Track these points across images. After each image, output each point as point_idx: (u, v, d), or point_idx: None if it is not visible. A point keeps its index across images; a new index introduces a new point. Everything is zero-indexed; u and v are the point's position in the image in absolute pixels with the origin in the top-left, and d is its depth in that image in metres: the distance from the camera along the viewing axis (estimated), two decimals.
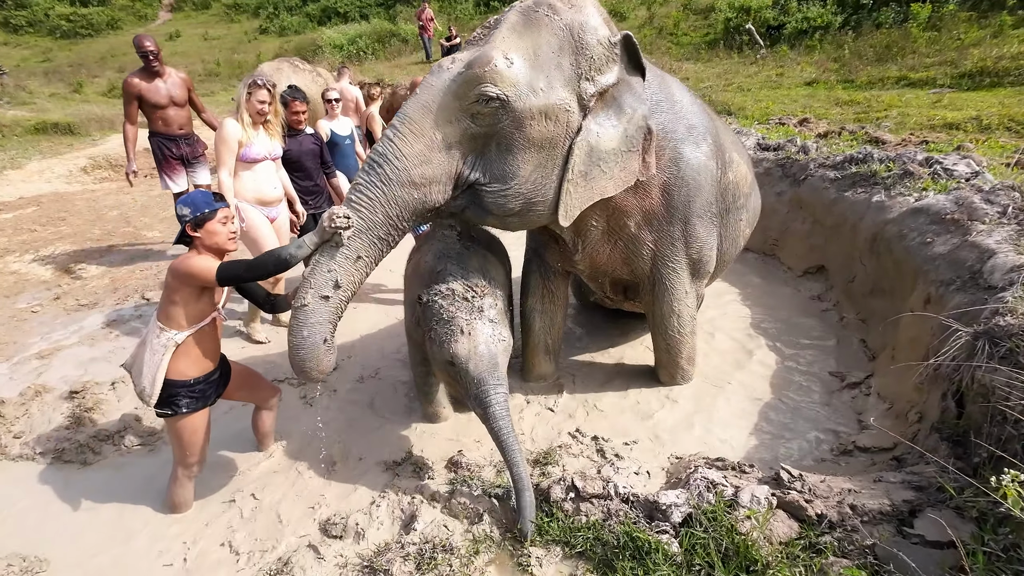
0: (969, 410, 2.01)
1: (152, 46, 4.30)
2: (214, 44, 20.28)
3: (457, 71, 1.89)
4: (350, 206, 1.90)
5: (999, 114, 5.10)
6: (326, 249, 1.90)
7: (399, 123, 1.89)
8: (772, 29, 9.69)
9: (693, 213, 2.44)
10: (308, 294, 1.89)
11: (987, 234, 2.66)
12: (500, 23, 1.97)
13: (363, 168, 1.92)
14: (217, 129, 3.20)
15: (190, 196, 2.05)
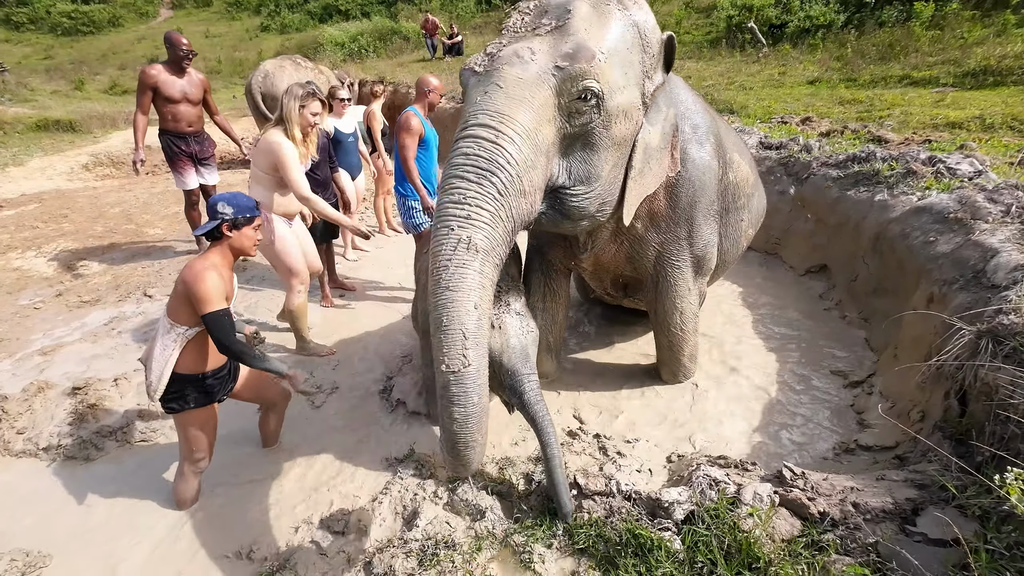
0: (972, 409, 2.01)
1: (188, 46, 4.36)
2: (215, 42, 20.27)
3: (552, 64, 1.69)
4: (468, 224, 1.56)
5: (1002, 113, 5.08)
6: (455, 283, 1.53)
7: (496, 122, 1.61)
8: (774, 28, 9.67)
9: (698, 213, 2.45)
10: (460, 352, 1.51)
11: (990, 233, 2.65)
12: (568, 13, 1.78)
13: (462, 177, 1.59)
14: (274, 149, 2.92)
15: (234, 197, 2.11)
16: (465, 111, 1.71)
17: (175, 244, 5.35)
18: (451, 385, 1.53)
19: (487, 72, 1.72)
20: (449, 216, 1.58)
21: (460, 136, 1.66)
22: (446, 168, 1.66)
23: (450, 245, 1.56)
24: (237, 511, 2.29)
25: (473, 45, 13.73)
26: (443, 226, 1.59)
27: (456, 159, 1.63)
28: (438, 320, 1.54)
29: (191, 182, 4.60)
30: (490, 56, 1.77)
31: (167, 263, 4.91)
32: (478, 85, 1.72)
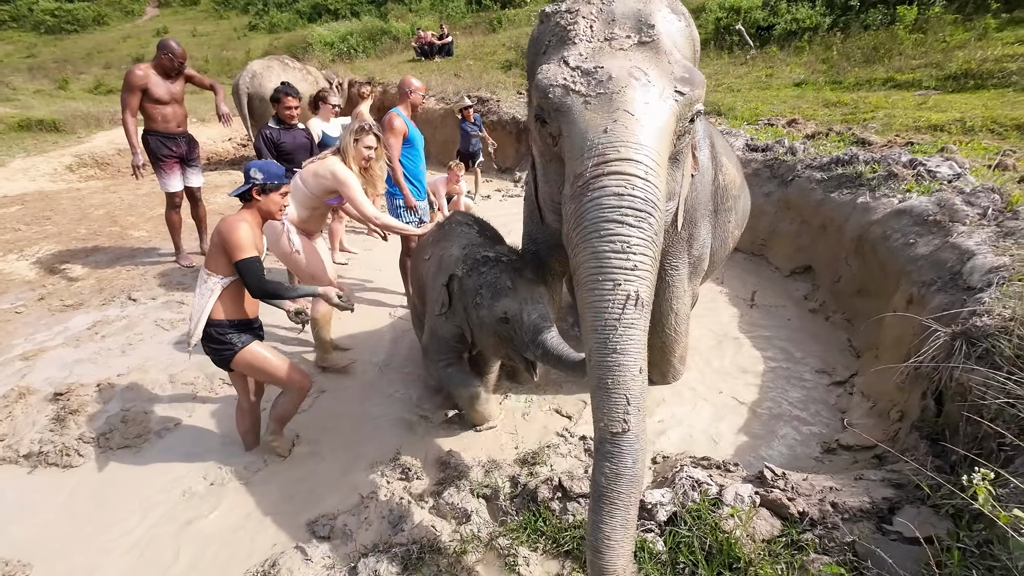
0: (948, 409, 2.05)
1: (182, 55, 4.36)
2: (202, 41, 20.07)
3: (672, 88, 1.60)
4: (634, 276, 1.46)
5: (982, 116, 5.17)
6: (623, 345, 1.47)
7: (641, 156, 1.48)
8: (762, 30, 9.75)
9: (699, 216, 2.48)
10: (622, 416, 1.46)
11: (967, 235, 2.71)
12: (653, 28, 1.68)
13: (620, 221, 1.46)
14: (331, 176, 2.97)
15: (266, 164, 2.34)
16: (588, 140, 1.53)
17: (160, 246, 5.29)
18: (607, 443, 1.49)
19: (601, 95, 1.56)
20: (613, 269, 1.45)
21: (601, 172, 1.48)
22: (588, 208, 1.49)
23: (618, 302, 1.45)
24: (221, 516, 2.27)
25: (463, 46, 13.73)
26: (607, 279, 1.46)
27: (606, 199, 1.47)
28: (602, 381, 1.49)
29: (176, 184, 4.54)
30: (587, 73, 1.60)
31: (152, 266, 4.86)
32: (594, 110, 1.56)
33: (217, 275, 2.25)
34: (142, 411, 2.88)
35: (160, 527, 2.23)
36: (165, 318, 3.90)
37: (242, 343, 2.32)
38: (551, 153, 1.79)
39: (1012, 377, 1.64)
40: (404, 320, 3.91)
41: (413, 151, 3.72)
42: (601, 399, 1.49)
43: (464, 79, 10.23)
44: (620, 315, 1.46)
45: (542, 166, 1.97)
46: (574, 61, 1.64)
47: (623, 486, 1.46)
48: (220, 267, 2.25)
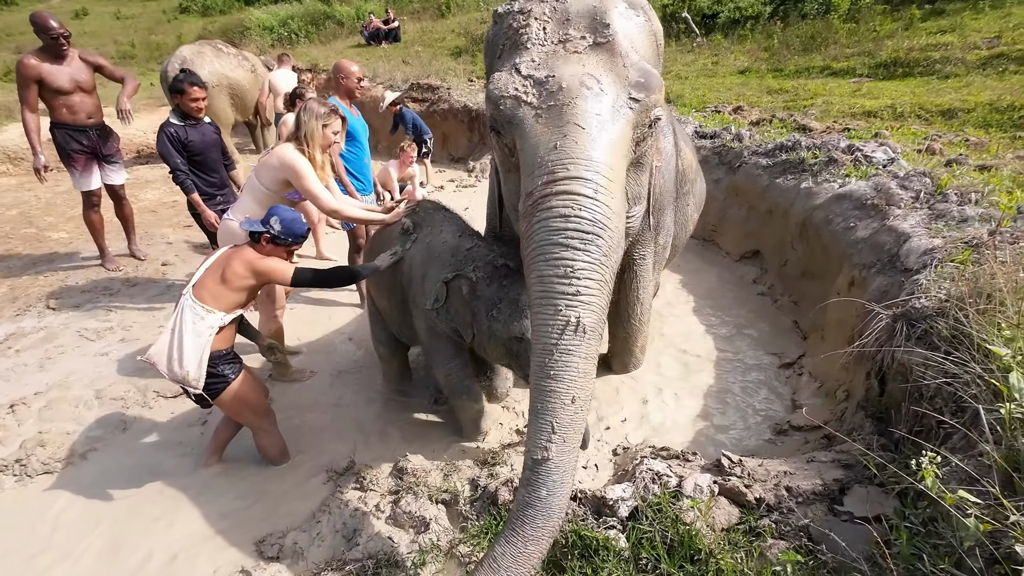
0: (890, 388, 2.13)
1: (60, 28, 3.81)
2: (128, 24, 18.69)
3: (625, 95, 1.54)
4: (577, 301, 1.40)
5: (911, 103, 5.44)
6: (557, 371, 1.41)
7: (591, 173, 1.43)
8: (707, 18, 9.94)
9: (665, 203, 2.45)
10: (544, 443, 1.41)
11: (903, 218, 2.82)
12: (607, 27, 1.60)
13: (568, 245, 1.41)
14: (288, 163, 2.61)
15: (292, 220, 2.26)
16: (538, 156, 1.48)
17: (83, 249, 4.87)
18: (527, 469, 1.44)
19: (552, 107, 1.50)
20: (556, 294, 1.41)
21: (549, 191, 1.44)
22: (536, 228, 1.45)
23: (558, 327, 1.41)
24: (157, 543, 2.10)
25: (411, 31, 13.34)
26: (549, 304, 1.43)
27: (552, 221, 1.42)
28: (534, 405, 1.46)
29: (92, 182, 4.12)
30: (538, 83, 1.54)
31: (74, 271, 4.46)
32: (545, 123, 1.50)
33: (219, 311, 2.13)
34: (64, 432, 2.63)
35: (85, 561, 2.03)
36: (89, 327, 3.59)
37: (233, 373, 2.20)
38: (510, 163, 1.72)
39: (948, 357, 1.70)
40: (355, 322, 3.76)
41: (354, 144, 3.54)
42: (531, 423, 1.46)
43: (413, 66, 9.93)
44: (558, 340, 1.41)
45: (503, 175, 1.90)
46: (526, 69, 1.57)
47: (529, 517, 1.39)
48: (224, 303, 2.15)
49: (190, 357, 2.07)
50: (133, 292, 4.12)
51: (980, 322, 1.70)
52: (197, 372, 2.08)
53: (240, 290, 2.17)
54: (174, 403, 2.90)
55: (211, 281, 2.16)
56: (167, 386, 2.99)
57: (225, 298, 2.15)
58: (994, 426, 1.42)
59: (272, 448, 2.41)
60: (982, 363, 1.61)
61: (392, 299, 2.50)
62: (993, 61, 6.12)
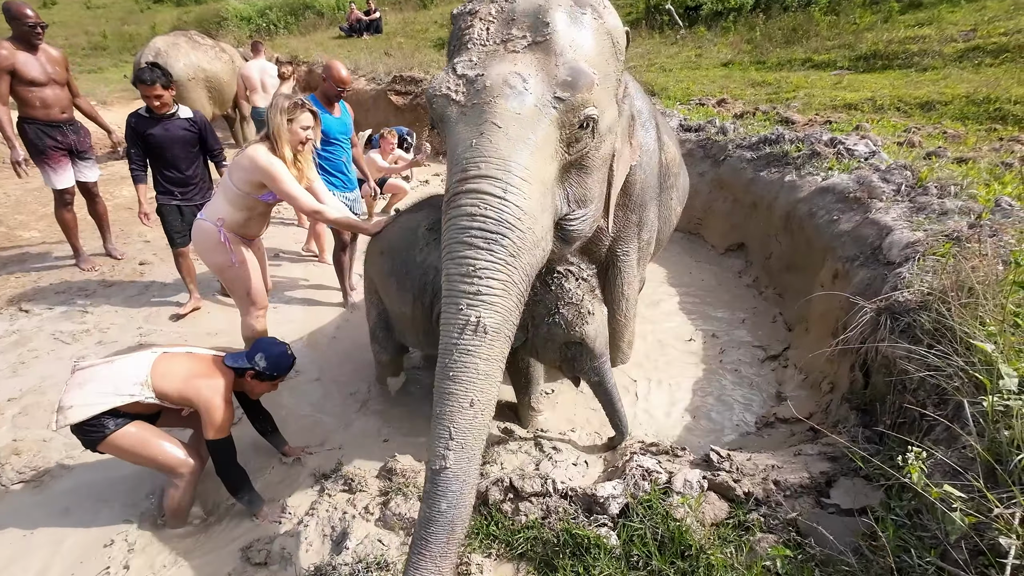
0: (874, 380, 2.16)
1: (36, 17, 3.70)
2: (99, 14, 18.09)
3: (551, 94, 1.51)
4: (477, 301, 1.40)
5: (890, 95, 5.51)
6: (456, 372, 1.40)
7: (501, 172, 1.43)
8: (690, 10, 9.94)
9: (648, 198, 2.44)
10: (441, 451, 1.38)
11: (885, 211, 2.85)
12: (547, 26, 1.57)
13: (471, 244, 1.41)
14: (261, 163, 2.50)
15: (279, 356, 2.16)
16: (457, 154, 1.49)
17: (55, 249, 4.72)
18: (427, 481, 1.41)
19: (475, 105, 1.49)
20: (457, 293, 1.42)
21: (459, 189, 1.45)
22: (447, 227, 1.47)
23: (457, 328, 1.40)
24: (141, 553, 2.05)
25: (392, 22, 13.14)
26: (451, 303, 1.43)
27: (459, 219, 1.43)
28: (434, 409, 1.42)
29: (66, 180, 3.98)
30: (468, 81, 1.53)
31: (47, 271, 4.32)
32: (467, 122, 1.50)
33: (155, 398, 1.99)
34: (39, 439, 2.55)
35: (60, 569, 1.98)
36: (65, 330, 3.48)
37: (116, 427, 1.98)
38: None
39: (931, 350, 1.73)
40: (338, 320, 3.71)
41: (329, 143, 3.48)
42: (432, 429, 1.42)
43: (395, 58, 9.78)
44: (458, 340, 1.40)
45: None
46: (461, 68, 1.57)
47: (434, 534, 1.36)
48: (166, 397, 2.01)
49: (86, 397, 1.93)
50: (110, 293, 4.00)
51: (962, 316, 1.72)
52: (75, 414, 1.91)
53: (183, 400, 2.04)
54: None
55: (177, 372, 2.03)
56: None
57: (170, 396, 2.01)
58: (977, 418, 1.45)
59: (170, 503, 2.11)
60: (964, 356, 1.64)
61: (416, 306, 2.34)
62: (969, 54, 6.23)
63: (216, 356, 2.17)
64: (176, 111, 3.35)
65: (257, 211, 2.73)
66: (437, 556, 1.36)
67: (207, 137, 3.46)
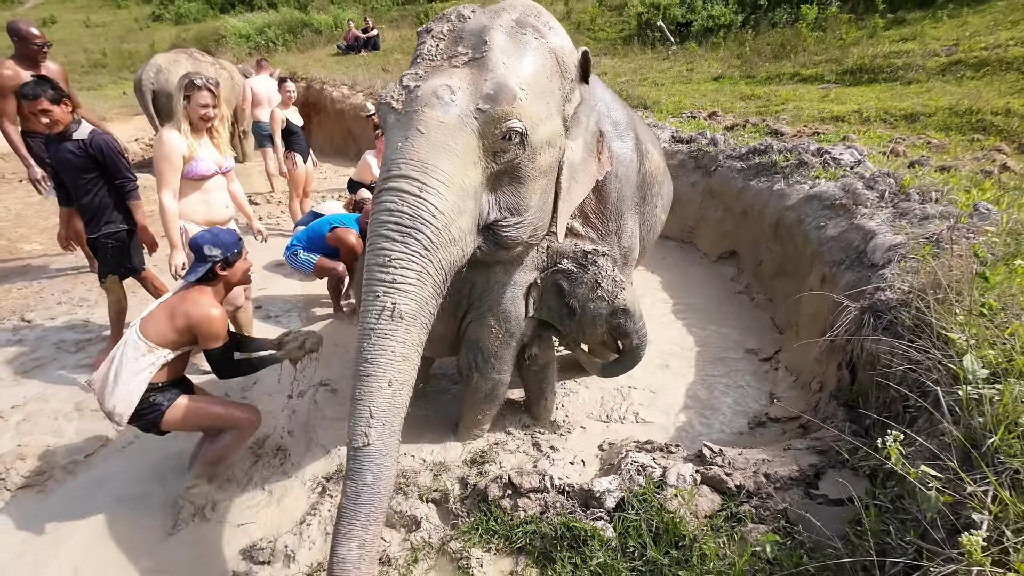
0: (860, 378, 2.23)
1: (42, 36, 3.82)
2: (98, 32, 18.32)
3: (473, 106, 1.63)
4: (393, 289, 1.51)
5: (876, 107, 5.67)
6: (373, 355, 1.49)
7: (419, 173, 1.55)
8: (681, 26, 10.19)
9: (625, 207, 2.50)
10: (363, 429, 1.46)
11: (869, 217, 2.95)
12: (485, 44, 1.71)
13: (388, 237, 1.54)
14: (156, 142, 2.67)
15: (216, 235, 2.15)
16: (386, 157, 1.64)
17: (55, 261, 4.77)
18: (350, 459, 1.48)
19: (406, 113, 1.64)
20: (374, 281, 1.53)
21: (382, 187, 1.59)
22: (371, 224, 1.59)
23: (374, 313, 1.51)
24: (146, 557, 2.08)
25: (389, 39, 13.37)
26: (368, 291, 1.54)
27: (380, 215, 1.56)
28: (354, 391, 1.50)
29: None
30: (408, 91, 1.68)
31: (47, 283, 4.37)
32: (398, 127, 1.65)
33: (162, 349, 2.09)
34: (43, 445, 2.58)
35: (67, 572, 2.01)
36: (68, 339, 3.53)
37: (168, 401, 2.13)
38: None
39: (912, 345, 1.80)
40: (332, 324, 3.76)
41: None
42: (351, 410, 1.50)
43: (392, 73, 9.96)
44: (375, 325, 1.50)
45: None
46: (406, 80, 1.71)
47: (361, 505, 1.43)
48: (169, 342, 2.09)
49: (121, 393, 2.03)
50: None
51: (939, 311, 1.80)
52: (124, 408, 2.03)
53: (182, 331, 2.10)
54: None
55: (160, 317, 2.10)
56: None
57: (169, 336, 2.09)
58: (953, 407, 1.52)
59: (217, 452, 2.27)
60: (942, 349, 1.71)
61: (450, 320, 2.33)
62: (952, 67, 6.41)
63: (181, 288, 2.22)
64: (70, 130, 2.90)
65: (199, 191, 2.83)
66: (367, 524, 1.44)
67: (106, 163, 2.93)
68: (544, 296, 2.30)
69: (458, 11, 1.87)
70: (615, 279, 2.25)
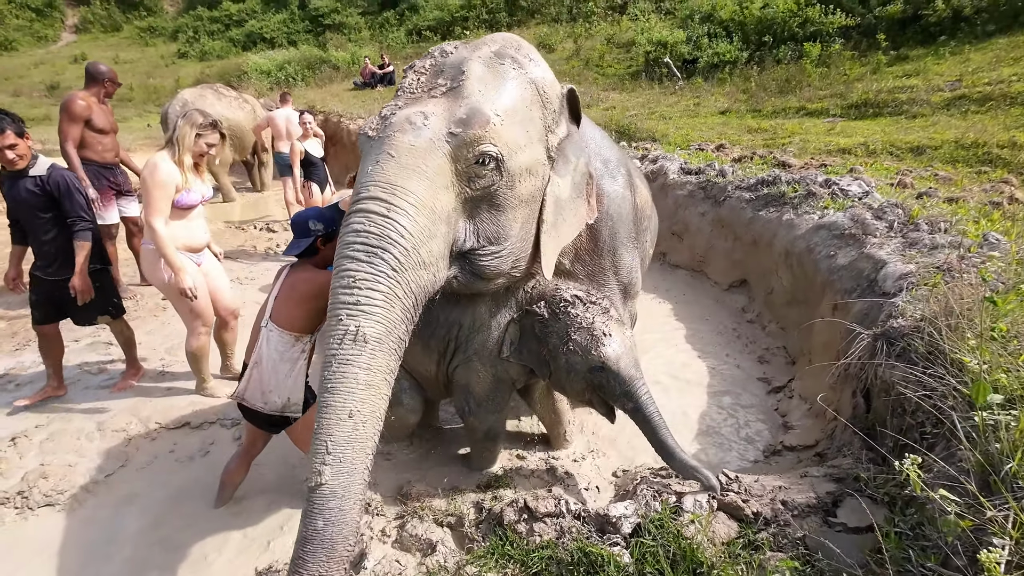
0: (876, 405, 2.24)
1: (117, 76, 4.27)
2: (127, 68, 19.14)
3: (445, 130, 1.63)
4: (357, 311, 1.44)
5: (882, 140, 5.77)
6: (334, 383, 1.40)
7: (387, 194, 1.53)
8: (687, 63, 10.49)
9: (619, 244, 2.41)
10: (318, 466, 1.36)
11: (879, 247, 2.99)
12: (462, 73, 1.73)
13: (353, 257, 1.49)
14: (149, 168, 2.72)
15: (320, 212, 2.17)
16: (357, 182, 1.63)
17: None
18: (307, 500, 1.37)
19: (380, 139, 1.65)
20: (338, 304, 1.46)
21: (351, 210, 1.56)
22: (338, 247, 1.55)
23: (337, 338, 1.43)
24: (162, 569, 2.09)
25: None
26: (332, 315, 1.47)
27: (347, 236, 1.52)
28: (316, 422, 1.42)
29: (113, 215, 4.38)
30: (384, 120, 1.69)
31: None
32: (371, 152, 1.64)
33: (307, 335, 2.13)
34: (66, 464, 2.63)
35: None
36: (91, 361, 3.61)
37: (312, 398, 2.14)
38: None
39: (927, 372, 1.82)
40: None
41: None
42: (311, 443, 1.41)
43: None
44: (338, 350, 1.42)
45: None
46: (385, 111, 1.73)
47: (309, 553, 1.33)
48: (308, 325, 2.12)
49: (290, 385, 2.10)
50: (134, 326, 4.12)
51: (951, 338, 1.82)
52: (297, 395, 2.12)
53: (313, 311, 2.09)
54: (176, 434, 2.91)
55: (287, 306, 2.10)
56: (169, 417, 3.01)
57: (305, 321, 2.11)
58: (970, 433, 1.53)
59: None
60: (956, 376, 1.73)
61: (440, 363, 2.33)
62: (956, 102, 6.53)
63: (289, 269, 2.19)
64: (29, 166, 2.80)
65: (186, 217, 2.87)
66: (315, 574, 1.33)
67: (62, 201, 2.83)
68: (524, 338, 2.19)
69: (442, 48, 1.90)
70: (593, 332, 2.06)
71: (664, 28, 11.87)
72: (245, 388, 2.13)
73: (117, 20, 23.59)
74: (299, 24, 19.87)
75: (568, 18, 15.07)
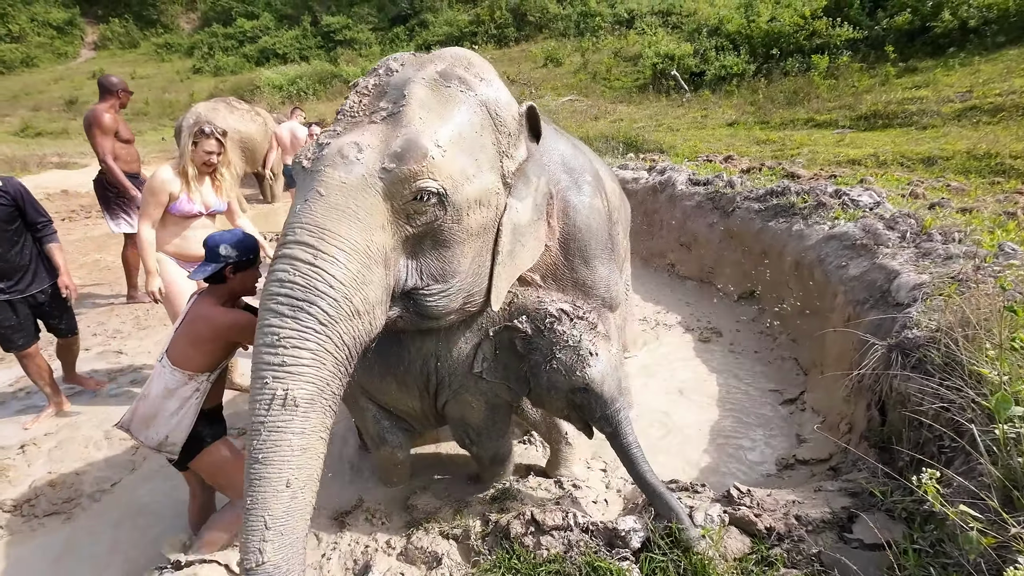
0: (891, 417, 2.19)
1: (123, 82, 4.40)
2: (143, 83, 19.56)
3: (379, 165, 1.49)
4: (283, 373, 1.34)
5: (892, 151, 5.73)
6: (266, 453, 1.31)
7: (315, 239, 1.41)
8: (695, 75, 10.55)
9: (592, 256, 2.23)
10: (256, 546, 1.28)
11: (891, 257, 2.95)
12: (404, 98, 1.60)
13: (278, 312, 1.37)
14: (150, 176, 2.85)
15: (239, 238, 2.00)
16: (285, 222, 1.50)
17: (93, 292, 4.98)
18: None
19: (311, 172, 1.52)
20: (262, 365, 1.35)
21: (277, 254, 1.44)
22: (262, 297, 1.44)
23: (264, 403, 1.32)
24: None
25: None
26: (257, 376, 1.35)
27: (271, 286, 1.40)
28: (246, 498, 1.31)
29: (129, 227, 4.50)
30: (319, 149, 1.56)
31: (87, 313, 4.54)
32: (303, 187, 1.53)
33: (201, 374, 1.94)
34: (73, 472, 2.63)
35: None
36: (100, 369, 3.64)
37: (212, 437, 2.03)
38: None
39: (944, 384, 1.78)
40: None
41: None
42: (243, 522, 1.30)
43: None
44: (266, 417, 1.32)
45: None
46: (322, 138, 1.61)
47: None
48: (203, 363, 1.94)
49: (172, 423, 1.93)
50: (142, 335, 4.18)
51: (969, 348, 1.78)
52: (178, 436, 1.93)
53: (213, 350, 1.96)
54: None
55: (181, 344, 1.96)
56: None
57: (201, 359, 1.94)
58: (990, 447, 1.48)
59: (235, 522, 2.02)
60: (975, 388, 1.69)
61: (424, 397, 2.18)
62: (967, 113, 6.50)
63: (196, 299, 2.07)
64: None
65: (175, 224, 2.92)
66: None
67: (26, 208, 2.79)
68: (499, 354, 2.03)
69: (387, 64, 1.76)
70: (579, 351, 1.91)
71: (671, 41, 11.96)
72: (130, 419, 2.01)
73: (135, 37, 24.16)
74: (311, 40, 20.25)
75: (576, 32, 15.24)
